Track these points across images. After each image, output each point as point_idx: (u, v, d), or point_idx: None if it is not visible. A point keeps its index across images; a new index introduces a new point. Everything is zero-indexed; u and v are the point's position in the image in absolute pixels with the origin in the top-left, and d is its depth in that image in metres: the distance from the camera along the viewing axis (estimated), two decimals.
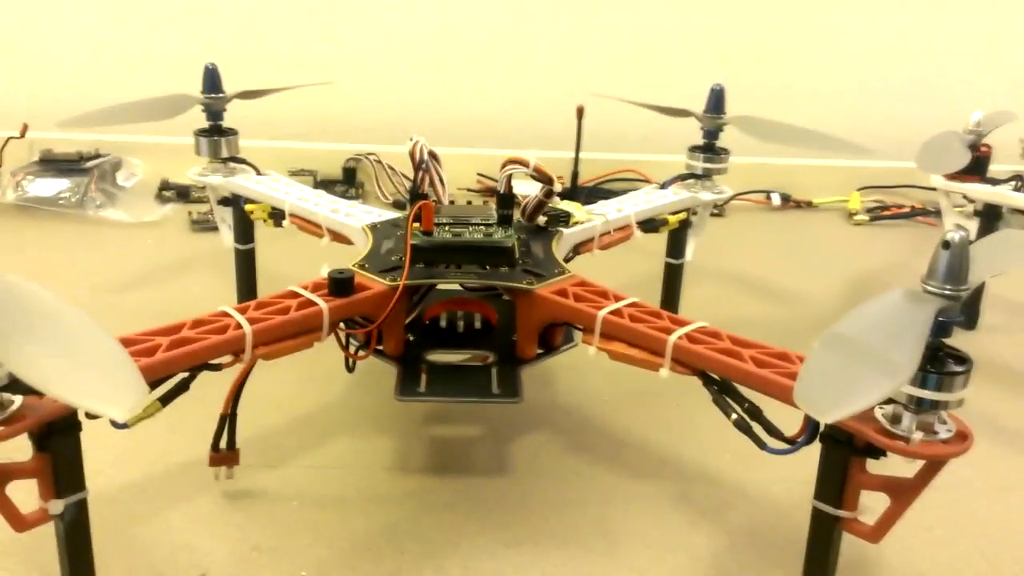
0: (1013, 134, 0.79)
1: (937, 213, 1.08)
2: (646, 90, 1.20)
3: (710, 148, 0.74)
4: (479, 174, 1.16)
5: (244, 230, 0.75)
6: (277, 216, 0.69)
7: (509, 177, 0.56)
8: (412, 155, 0.57)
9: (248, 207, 0.71)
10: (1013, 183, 0.74)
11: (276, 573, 0.46)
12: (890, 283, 0.90)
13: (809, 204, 1.12)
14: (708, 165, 0.74)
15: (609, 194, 1.14)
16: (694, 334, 0.46)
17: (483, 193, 1.15)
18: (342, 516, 0.51)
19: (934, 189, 1.08)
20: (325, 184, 1.14)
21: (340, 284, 0.49)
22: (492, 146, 1.19)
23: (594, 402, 0.64)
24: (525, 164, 0.55)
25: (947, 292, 0.37)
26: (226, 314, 0.46)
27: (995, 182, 0.75)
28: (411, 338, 0.55)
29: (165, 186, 1.07)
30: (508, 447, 0.58)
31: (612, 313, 0.48)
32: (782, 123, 0.73)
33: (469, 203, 0.60)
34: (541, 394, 0.65)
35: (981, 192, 0.73)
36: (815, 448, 0.42)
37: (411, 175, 1.14)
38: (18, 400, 0.37)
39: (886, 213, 1.08)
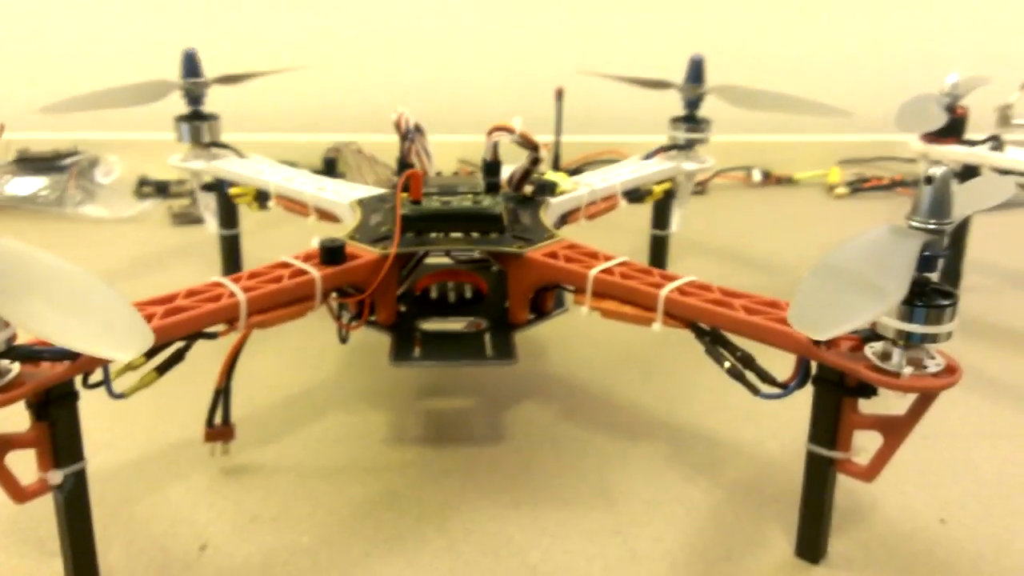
0: (989, 102, 0.80)
1: (916, 184, 1.10)
2: (626, 71, 1.21)
3: (691, 118, 0.75)
4: (460, 160, 1.16)
5: (228, 215, 0.75)
6: (262, 198, 0.69)
7: (495, 145, 0.56)
8: (397, 125, 0.57)
9: (232, 191, 0.70)
10: (990, 143, 0.75)
11: (278, 540, 0.46)
12: None
13: (789, 180, 1.13)
14: (690, 135, 0.75)
15: None
16: (685, 287, 0.46)
17: None
18: (340, 486, 0.51)
19: (913, 160, 1.10)
20: None
21: (331, 252, 0.49)
22: (473, 132, 1.19)
23: (585, 371, 0.65)
24: (511, 131, 0.55)
25: (931, 226, 0.38)
26: (219, 284, 0.46)
27: (972, 143, 0.76)
28: (403, 309, 0.56)
29: (143, 182, 1.07)
30: (502, 416, 0.59)
31: (603, 272, 0.49)
32: (762, 90, 0.74)
33: (455, 174, 0.60)
34: (532, 365, 0.65)
35: (959, 153, 0.74)
36: (806, 404, 0.42)
37: (392, 164, 1.14)
38: (16, 367, 0.37)
39: (866, 186, 1.10)
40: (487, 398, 0.61)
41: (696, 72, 0.74)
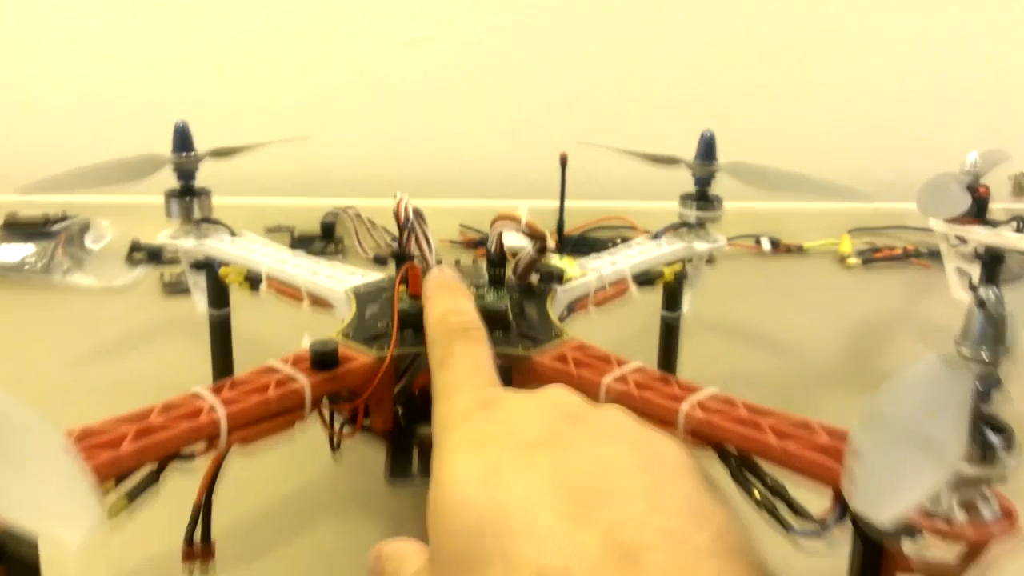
0: (1002, 171, 0.77)
1: (930, 255, 1.07)
2: (632, 138, 1.18)
3: (702, 196, 0.72)
4: (462, 225, 1.14)
5: (218, 295, 0.71)
6: (253, 280, 0.65)
7: (499, 235, 0.53)
8: (396, 214, 0.53)
9: (223, 271, 0.67)
10: (1014, 224, 0.72)
11: None
12: (889, 329, 0.87)
13: (800, 249, 1.10)
14: (701, 214, 0.72)
15: (596, 242, 1.13)
16: (707, 402, 0.43)
17: (466, 245, 1.12)
18: None
19: (925, 230, 1.07)
20: (303, 240, 1.11)
21: (322, 357, 0.46)
22: (475, 196, 1.17)
23: None
24: (516, 220, 0.52)
25: (985, 357, 0.34)
26: (198, 396, 0.42)
27: (995, 224, 0.73)
28: (400, 411, 0.52)
29: (135, 247, 1.03)
30: None
31: (617, 380, 0.45)
32: (775, 168, 0.71)
33: (457, 263, 0.57)
34: None
35: (983, 235, 0.71)
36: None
37: (392, 229, 1.11)
38: None
39: (878, 256, 1.06)
40: None
41: (707, 149, 0.72)
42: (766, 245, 1.10)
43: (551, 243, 0.54)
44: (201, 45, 1.15)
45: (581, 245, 1.12)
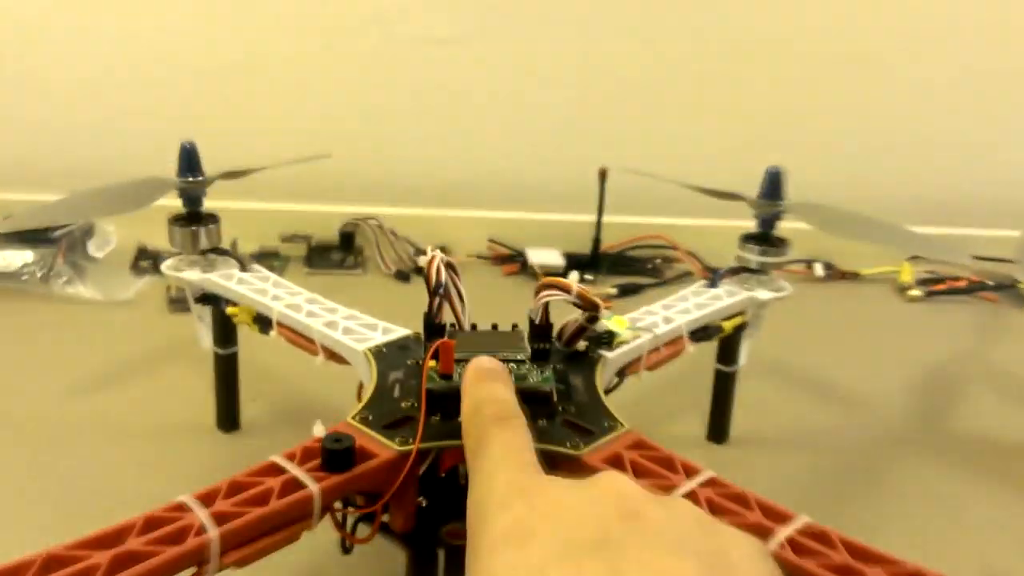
0: None
1: (997, 288, 0.99)
2: (670, 149, 1.10)
3: (766, 238, 0.64)
4: (490, 240, 1.06)
5: (225, 333, 0.65)
6: (263, 321, 0.58)
7: (546, 305, 0.46)
8: (427, 275, 0.46)
9: (230, 310, 0.60)
10: None
11: None
12: (962, 377, 0.79)
13: (856, 275, 1.02)
14: (764, 259, 0.64)
15: (634, 261, 1.05)
16: (798, 539, 0.35)
17: (495, 261, 1.04)
18: None
19: (993, 260, 0.99)
20: (321, 250, 1.04)
21: (336, 457, 0.39)
22: (505, 208, 1.09)
23: None
24: (567, 290, 0.45)
25: None
26: (184, 508, 0.35)
27: None
28: (423, 503, 0.45)
29: (142, 254, 0.97)
30: None
31: (686, 497, 0.38)
32: (851, 213, 0.63)
33: (494, 328, 0.49)
34: None
35: None
36: None
37: (415, 242, 1.04)
38: None
39: (941, 287, 0.98)
40: None
41: (773, 186, 0.63)
42: (819, 270, 1.01)
43: (604, 312, 0.47)
44: (218, 45, 1.07)
45: (618, 263, 1.04)
